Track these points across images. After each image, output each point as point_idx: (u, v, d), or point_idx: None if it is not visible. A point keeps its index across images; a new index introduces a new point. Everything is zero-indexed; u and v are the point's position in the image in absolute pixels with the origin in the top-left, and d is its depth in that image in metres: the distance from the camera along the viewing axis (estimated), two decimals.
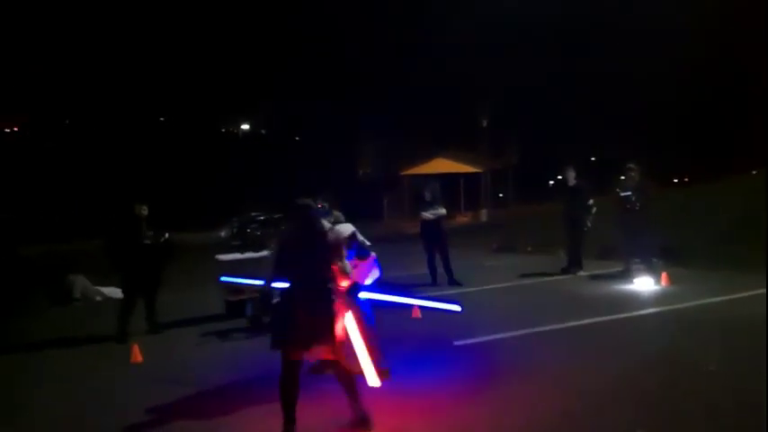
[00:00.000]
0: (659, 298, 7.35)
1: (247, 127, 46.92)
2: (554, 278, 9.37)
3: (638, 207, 8.58)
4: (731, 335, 5.53)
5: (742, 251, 9.28)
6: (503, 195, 38.81)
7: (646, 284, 8.03)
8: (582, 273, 9.41)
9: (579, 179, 9.57)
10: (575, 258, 9.59)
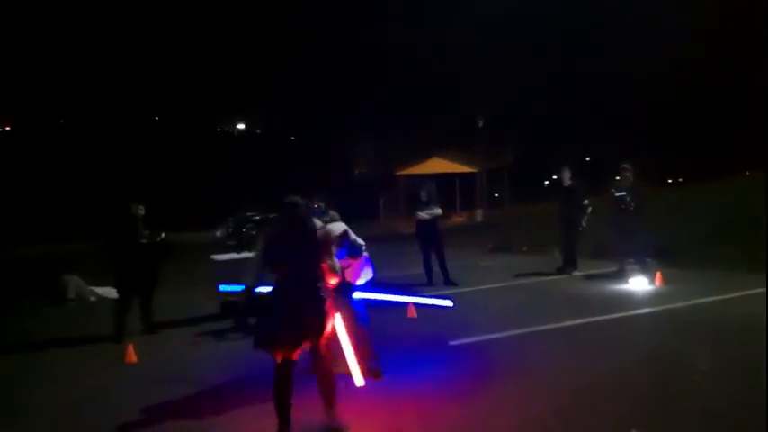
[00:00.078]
0: (653, 298, 7.39)
1: (243, 127, 46.85)
2: (549, 278, 9.41)
3: (632, 207, 8.63)
4: (725, 335, 5.57)
5: (736, 251, 9.34)
6: (498, 195, 38.89)
7: (640, 284, 8.07)
8: (577, 273, 9.46)
9: (574, 179, 9.62)
10: (570, 258, 9.64)
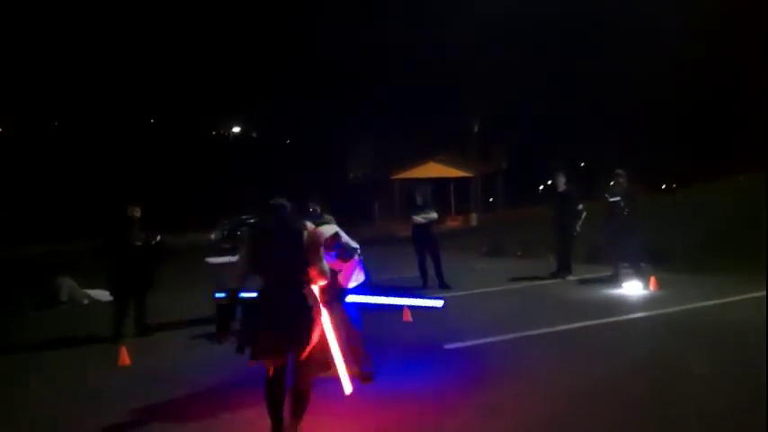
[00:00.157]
0: (648, 302, 7.41)
1: (239, 129, 46.77)
2: (543, 282, 9.43)
3: (626, 212, 8.67)
4: (720, 339, 5.58)
5: (730, 256, 9.40)
6: (493, 200, 38.99)
7: (634, 289, 8.10)
8: (571, 277, 9.48)
9: (569, 184, 9.65)
10: (564, 263, 9.66)
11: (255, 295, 3.71)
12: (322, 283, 3.97)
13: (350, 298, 4.81)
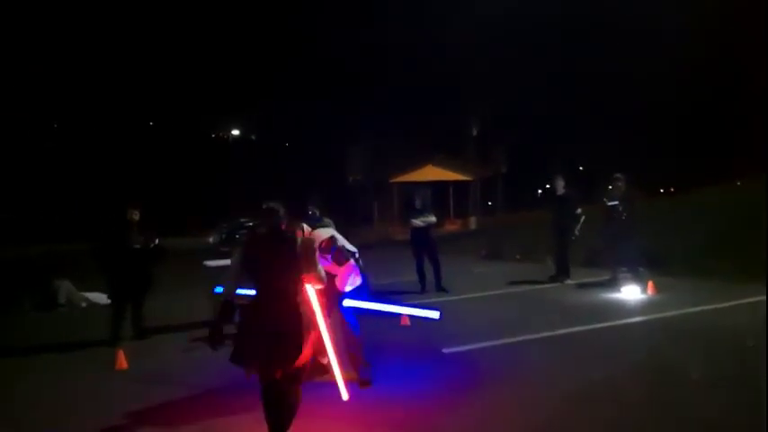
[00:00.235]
0: (646, 307, 7.41)
1: (238, 132, 46.80)
2: (542, 286, 9.43)
3: (624, 216, 8.68)
4: (718, 343, 5.59)
5: (728, 260, 9.40)
6: (492, 203, 39.01)
7: (632, 293, 8.10)
8: (569, 281, 9.48)
9: (568, 188, 9.66)
10: (562, 267, 9.67)
11: (252, 295, 3.61)
12: (319, 287, 3.95)
13: (347, 302, 4.80)
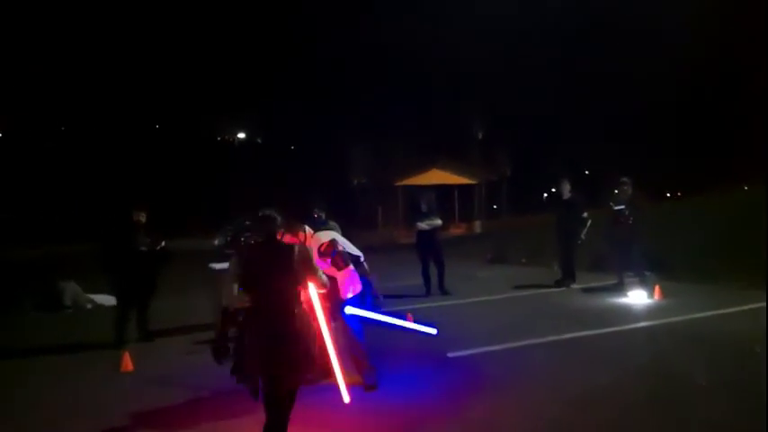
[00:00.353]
0: (652, 311, 7.37)
1: (243, 136, 46.94)
2: (547, 290, 9.38)
3: (631, 221, 8.63)
4: (724, 349, 5.55)
5: (735, 265, 9.34)
6: (497, 207, 38.95)
7: (639, 298, 8.06)
8: (575, 285, 9.44)
9: (574, 192, 9.62)
10: (568, 271, 9.62)
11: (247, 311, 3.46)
12: (322, 292, 3.93)
13: (348, 310, 4.77)
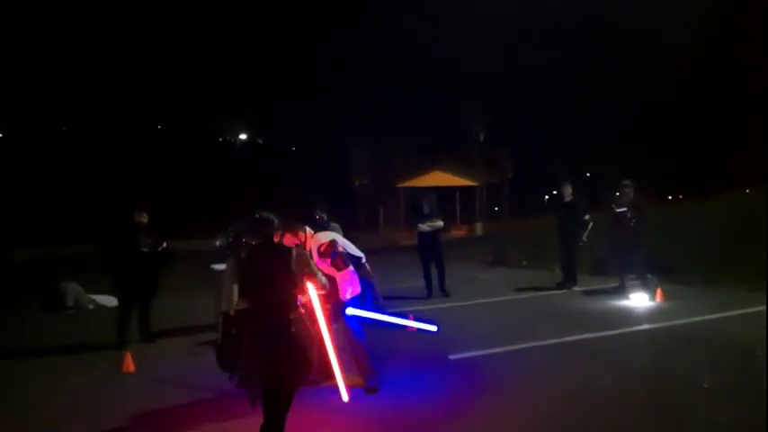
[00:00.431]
0: (654, 314, 7.36)
1: (245, 137, 47.00)
2: (549, 293, 9.37)
3: (633, 223, 8.62)
4: (726, 352, 5.54)
5: (738, 268, 9.33)
6: (498, 209, 38.94)
7: (641, 300, 8.05)
8: (576, 288, 9.43)
9: (575, 195, 9.62)
10: (570, 273, 9.61)
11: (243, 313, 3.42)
12: (321, 293, 3.91)
13: (349, 311, 4.77)
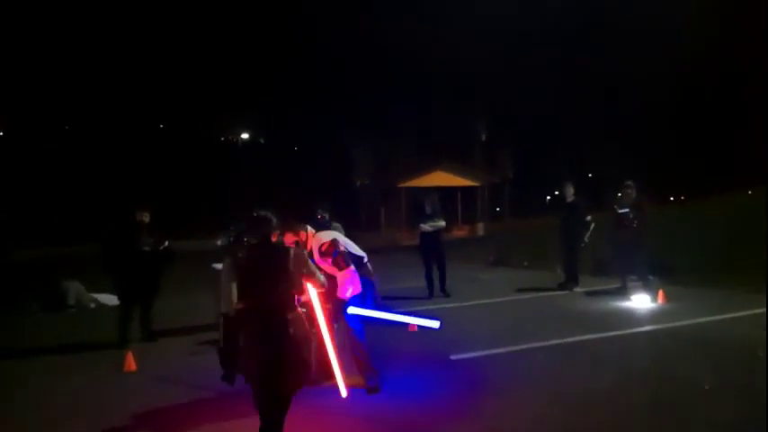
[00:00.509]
0: (655, 315, 7.35)
1: (247, 136, 47.03)
2: (550, 293, 9.36)
3: (635, 224, 8.61)
4: (727, 353, 5.53)
5: (740, 269, 9.31)
6: (499, 209, 38.93)
7: (642, 302, 8.04)
8: (578, 289, 9.41)
9: (577, 195, 9.60)
10: (571, 274, 9.59)
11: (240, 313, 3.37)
12: (320, 291, 3.90)
13: (351, 310, 4.77)
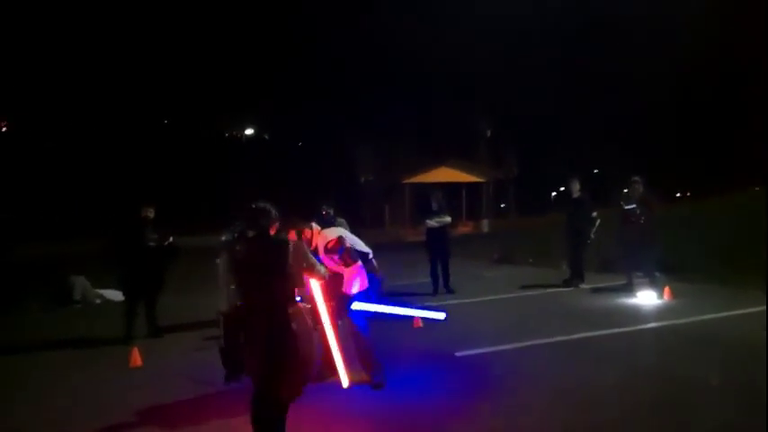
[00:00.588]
0: (661, 312, 7.31)
1: (251, 132, 47.04)
2: (556, 290, 9.33)
3: (642, 220, 8.54)
4: (732, 351, 5.49)
5: (746, 266, 9.24)
6: (504, 206, 38.83)
7: (648, 298, 7.99)
8: (584, 285, 9.37)
9: (583, 191, 9.55)
10: (577, 271, 9.55)
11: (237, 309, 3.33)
12: (321, 281, 3.89)
13: (356, 305, 4.77)
